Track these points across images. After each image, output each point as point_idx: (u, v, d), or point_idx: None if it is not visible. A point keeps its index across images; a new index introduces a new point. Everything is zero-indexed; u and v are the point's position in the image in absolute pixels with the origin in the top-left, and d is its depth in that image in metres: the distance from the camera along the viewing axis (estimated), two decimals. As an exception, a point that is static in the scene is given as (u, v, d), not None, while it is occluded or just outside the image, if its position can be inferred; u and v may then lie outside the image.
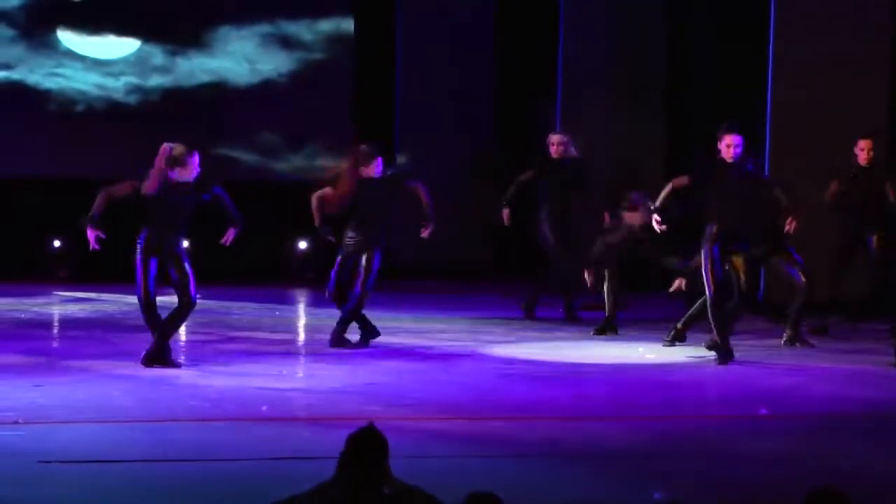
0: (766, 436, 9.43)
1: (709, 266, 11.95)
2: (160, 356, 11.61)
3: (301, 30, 19.80)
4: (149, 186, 11.57)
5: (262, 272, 14.48)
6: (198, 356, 12.48)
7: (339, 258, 12.86)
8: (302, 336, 14.26)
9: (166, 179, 11.58)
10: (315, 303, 16.80)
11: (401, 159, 18.29)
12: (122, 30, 19.39)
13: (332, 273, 12.90)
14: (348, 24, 19.82)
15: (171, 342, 11.84)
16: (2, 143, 18.30)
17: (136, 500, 7.24)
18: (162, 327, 11.68)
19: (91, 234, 11.63)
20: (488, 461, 8.32)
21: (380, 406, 9.84)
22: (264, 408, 9.93)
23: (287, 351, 13.20)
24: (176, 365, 11.65)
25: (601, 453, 8.70)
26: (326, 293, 12.98)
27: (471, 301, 16.68)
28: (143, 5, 19.44)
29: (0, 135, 18.61)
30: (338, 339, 12.77)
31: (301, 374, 11.99)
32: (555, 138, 14.81)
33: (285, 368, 11.96)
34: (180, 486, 7.57)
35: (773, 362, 12.46)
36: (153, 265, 11.58)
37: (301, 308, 16.70)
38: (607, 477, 8.03)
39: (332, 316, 13.30)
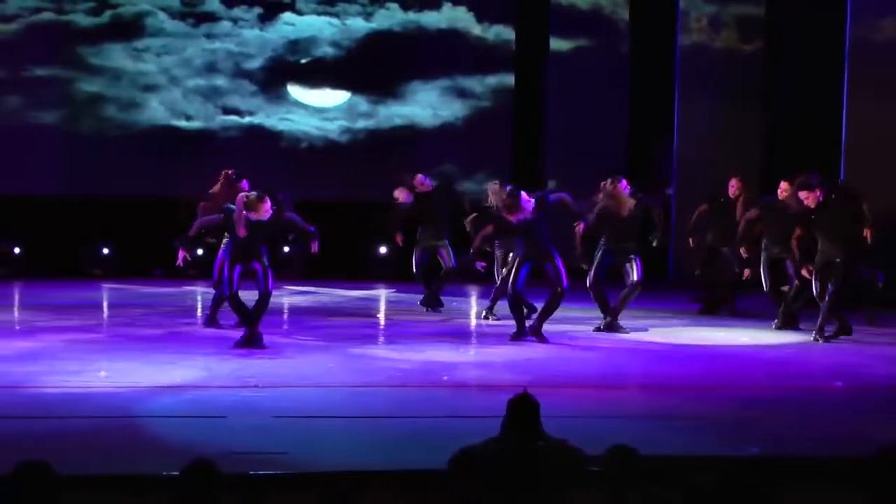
0: (841, 402, 9.23)
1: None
2: (253, 341, 11.08)
3: (472, 83, 19.92)
4: (239, 232, 10.95)
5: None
6: (394, 337, 12.54)
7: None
8: (473, 322, 14.22)
9: (248, 221, 10.98)
10: (484, 295, 16.80)
11: (551, 184, 18.14)
12: (336, 85, 19.82)
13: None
14: (509, 80, 19.96)
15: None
16: (246, 170, 18.57)
17: (344, 449, 7.26)
18: (251, 316, 11.13)
19: (181, 254, 11.20)
20: (620, 421, 8.22)
21: (533, 377, 9.79)
22: (445, 377, 9.94)
23: (462, 333, 13.19)
24: (264, 347, 11.04)
25: (703, 416, 8.50)
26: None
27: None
28: (352, 67, 19.77)
29: (244, 164, 18.88)
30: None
31: (472, 352, 11.96)
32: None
33: (461, 347, 11.96)
34: (379, 438, 7.60)
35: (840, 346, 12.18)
36: (238, 270, 11.07)
37: (472, 300, 16.70)
38: (711, 435, 7.87)
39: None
